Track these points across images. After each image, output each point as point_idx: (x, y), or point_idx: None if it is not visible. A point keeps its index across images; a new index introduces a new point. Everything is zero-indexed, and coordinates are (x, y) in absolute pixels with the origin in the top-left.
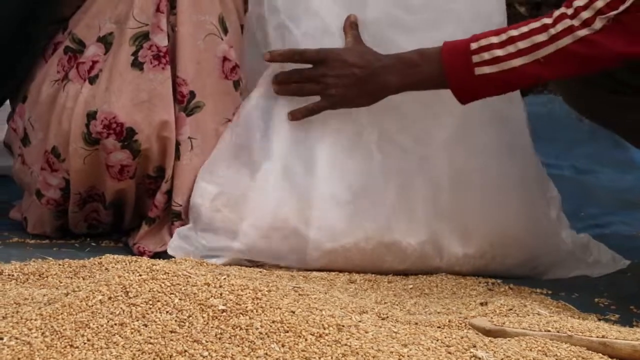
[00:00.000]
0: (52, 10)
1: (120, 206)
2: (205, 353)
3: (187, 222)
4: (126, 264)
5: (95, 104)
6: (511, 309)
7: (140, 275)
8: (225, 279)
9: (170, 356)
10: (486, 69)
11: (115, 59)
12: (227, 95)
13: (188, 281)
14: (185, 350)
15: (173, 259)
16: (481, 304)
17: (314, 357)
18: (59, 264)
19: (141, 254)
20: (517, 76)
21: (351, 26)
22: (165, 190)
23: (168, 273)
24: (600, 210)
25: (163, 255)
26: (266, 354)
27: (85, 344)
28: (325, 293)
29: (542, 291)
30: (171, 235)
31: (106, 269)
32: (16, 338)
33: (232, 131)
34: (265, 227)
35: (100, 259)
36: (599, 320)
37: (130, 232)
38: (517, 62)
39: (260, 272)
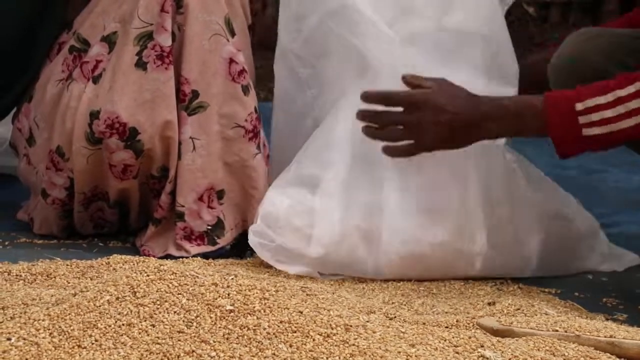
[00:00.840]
0: (58, 13)
1: (124, 205)
2: (213, 353)
3: (191, 224)
4: (134, 265)
5: (98, 104)
6: (519, 309)
7: (148, 275)
8: (232, 279)
9: (178, 356)
10: (595, 130)
11: (119, 59)
12: (235, 99)
13: (196, 281)
14: (193, 351)
15: (181, 259)
16: (489, 303)
17: (322, 357)
18: (67, 264)
19: (146, 255)
20: (627, 135)
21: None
22: (170, 191)
23: (176, 273)
24: (608, 210)
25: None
26: (274, 354)
27: (93, 344)
28: (333, 293)
29: (550, 291)
30: (175, 242)
31: (114, 269)
32: (24, 338)
33: (299, 163)
34: (337, 234)
35: (108, 259)
36: (607, 320)
37: (137, 232)
38: (628, 123)
39: (268, 272)
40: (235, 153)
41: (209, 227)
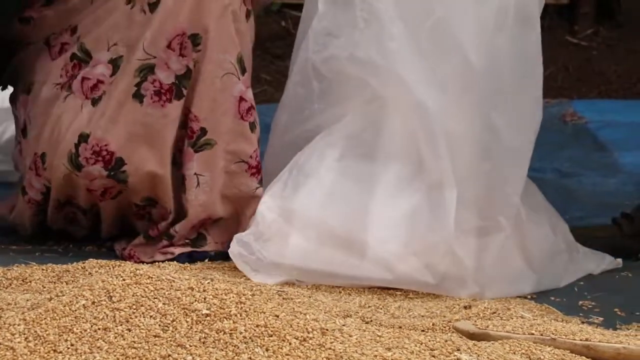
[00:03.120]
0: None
1: (98, 216)
2: (189, 357)
3: (178, 244)
4: (110, 269)
5: (89, 127)
6: (495, 312)
7: (124, 279)
8: (209, 283)
9: None
10: None
11: (118, 86)
12: (242, 137)
13: (172, 285)
14: (169, 355)
15: (157, 263)
16: (465, 307)
17: None
18: (42, 269)
19: (129, 257)
20: None
21: None
22: (171, 221)
23: (152, 277)
24: (584, 213)
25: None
26: (250, 358)
27: (68, 348)
28: (310, 297)
29: (525, 294)
30: (162, 253)
31: (90, 273)
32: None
33: (290, 172)
34: (314, 244)
35: (83, 263)
36: (583, 323)
37: (115, 237)
38: None
39: (245, 276)
40: (236, 186)
41: (190, 239)
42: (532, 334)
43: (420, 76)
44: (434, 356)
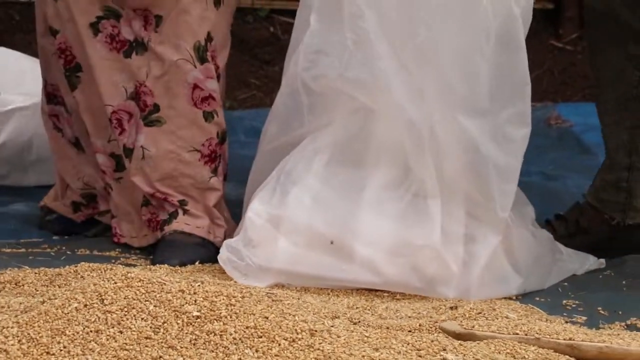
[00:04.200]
0: None
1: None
2: (180, 359)
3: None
4: (101, 272)
5: None
6: (480, 313)
7: (116, 282)
8: (199, 285)
9: None
10: None
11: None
12: (194, 124)
13: (163, 288)
14: (161, 357)
15: (148, 266)
16: (451, 307)
17: None
18: (35, 273)
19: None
20: None
21: None
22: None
23: (143, 280)
24: None
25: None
26: (240, 359)
27: (61, 350)
28: (299, 299)
29: (510, 295)
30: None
31: (82, 277)
32: None
33: (277, 179)
34: (303, 247)
35: (75, 267)
36: (566, 322)
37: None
38: None
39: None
40: (190, 176)
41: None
42: (517, 333)
43: (407, 92)
44: (420, 356)
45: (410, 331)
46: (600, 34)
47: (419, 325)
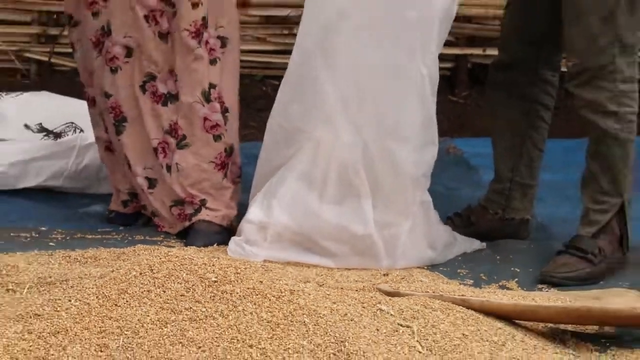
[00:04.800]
0: None
1: None
2: (203, 309)
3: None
4: (151, 251)
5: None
6: (403, 278)
7: (160, 258)
8: (216, 260)
9: (180, 312)
10: None
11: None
12: (208, 144)
13: (191, 262)
14: (191, 307)
15: (182, 247)
16: (383, 275)
17: (275, 311)
18: (108, 251)
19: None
20: None
21: None
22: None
23: (178, 257)
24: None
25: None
26: (243, 309)
27: (125, 304)
28: (282, 269)
29: (422, 266)
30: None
31: (138, 254)
32: (79, 300)
33: (270, 185)
34: (285, 236)
35: (134, 247)
36: (460, 284)
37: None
38: None
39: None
40: (209, 179)
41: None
42: (427, 292)
43: (348, 126)
44: (364, 307)
45: (357, 291)
46: (497, 95)
47: (363, 287)
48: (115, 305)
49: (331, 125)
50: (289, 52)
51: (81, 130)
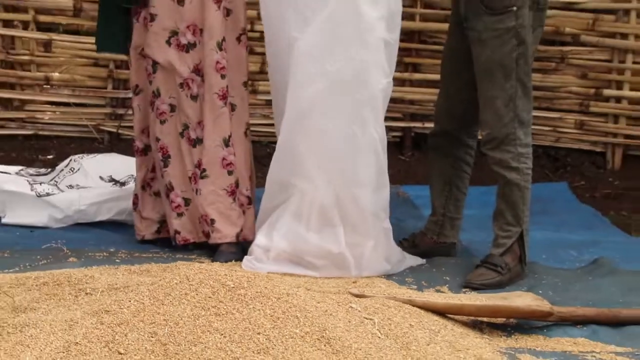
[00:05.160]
0: None
1: None
2: (225, 307)
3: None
4: (188, 266)
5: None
6: (367, 284)
7: (194, 270)
8: (234, 272)
9: (208, 309)
10: None
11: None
12: (222, 177)
13: (217, 272)
14: (215, 305)
15: (210, 262)
16: (353, 282)
17: (276, 308)
18: (157, 266)
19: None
20: None
21: None
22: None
23: (207, 270)
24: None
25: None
26: (253, 307)
27: (170, 302)
28: (281, 278)
29: (380, 276)
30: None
31: (178, 268)
32: (136, 300)
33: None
34: (282, 257)
35: (175, 263)
36: (408, 289)
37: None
38: None
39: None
40: (222, 202)
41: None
42: (385, 294)
43: (322, 178)
44: (339, 305)
45: (334, 293)
46: (433, 155)
47: (338, 291)
48: (162, 304)
49: (310, 179)
50: None
51: None
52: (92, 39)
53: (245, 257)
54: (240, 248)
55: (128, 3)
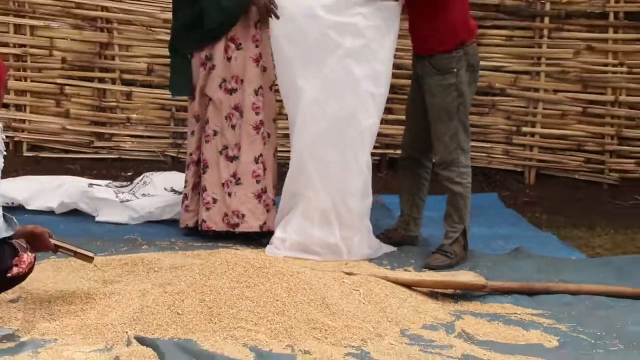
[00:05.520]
0: None
1: None
2: (253, 281)
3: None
4: (227, 251)
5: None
6: (354, 266)
7: (232, 255)
8: (260, 255)
9: (241, 282)
10: None
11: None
12: (252, 185)
13: (247, 256)
14: (246, 280)
15: (243, 250)
16: (345, 264)
17: (290, 282)
18: (205, 252)
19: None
20: None
21: None
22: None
23: (239, 254)
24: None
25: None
26: (274, 281)
27: (213, 278)
28: (293, 261)
29: (364, 259)
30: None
31: (220, 253)
32: (190, 276)
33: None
34: (295, 246)
35: (218, 250)
36: (384, 268)
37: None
38: None
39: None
40: (250, 202)
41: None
42: (368, 273)
43: (322, 190)
44: (334, 280)
45: (331, 272)
46: (402, 173)
47: (334, 270)
48: (208, 279)
49: (314, 190)
50: None
51: None
52: (161, 90)
53: (268, 246)
54: (265, 235)
55: (189, 48)
